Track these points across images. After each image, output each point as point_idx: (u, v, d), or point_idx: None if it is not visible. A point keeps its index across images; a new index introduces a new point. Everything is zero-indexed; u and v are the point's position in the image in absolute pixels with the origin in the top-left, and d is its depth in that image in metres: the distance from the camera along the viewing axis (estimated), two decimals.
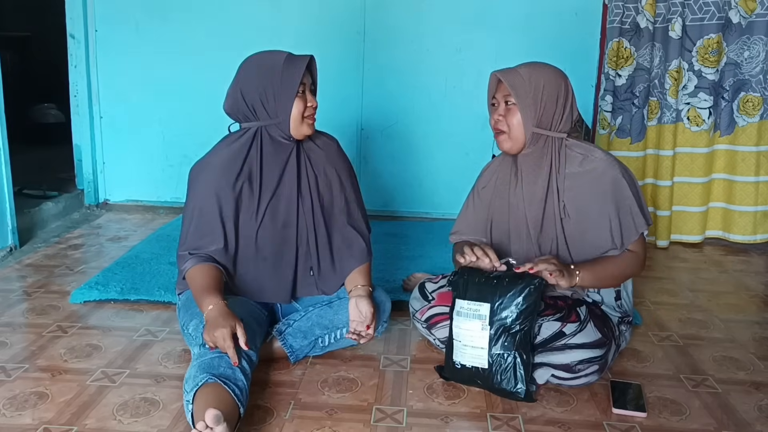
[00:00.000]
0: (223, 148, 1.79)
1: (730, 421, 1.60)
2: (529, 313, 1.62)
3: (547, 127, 1.74)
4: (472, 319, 1.65)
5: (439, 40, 3.35)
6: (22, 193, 3.26)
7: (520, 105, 1.71)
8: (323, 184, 1.87)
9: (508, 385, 1.62)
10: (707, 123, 3.03)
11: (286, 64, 1.73)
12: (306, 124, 1.76)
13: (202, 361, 1.50)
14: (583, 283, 1.69)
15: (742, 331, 2.15)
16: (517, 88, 1.70)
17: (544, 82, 1.71)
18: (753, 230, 3.08)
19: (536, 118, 1.72)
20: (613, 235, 1.73)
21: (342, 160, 1.93)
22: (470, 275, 1.69)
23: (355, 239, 1.89)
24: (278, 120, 1.74)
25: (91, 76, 3.49)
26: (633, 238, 1.74)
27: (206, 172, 1.77)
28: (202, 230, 1.75)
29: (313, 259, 1.86)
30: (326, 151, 1.89)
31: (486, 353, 1.64)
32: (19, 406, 1.56)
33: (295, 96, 1.72)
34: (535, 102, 1.71)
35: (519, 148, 1.77)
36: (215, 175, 1.75)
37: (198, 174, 1.79)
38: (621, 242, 1.73)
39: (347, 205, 1.91)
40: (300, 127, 1.76)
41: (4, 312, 2.14)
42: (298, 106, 1.73)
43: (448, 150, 3.46)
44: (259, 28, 3.36)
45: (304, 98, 1.75)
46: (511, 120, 1.73)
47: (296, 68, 1.73)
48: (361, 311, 1.76)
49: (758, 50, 2.94)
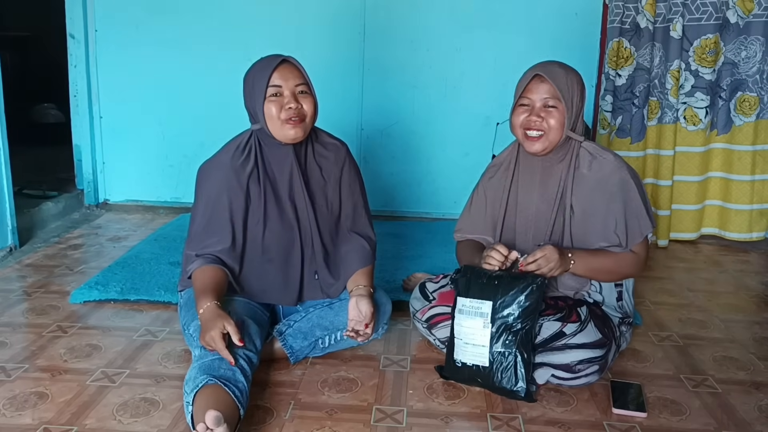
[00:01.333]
0: (232, 149, 1.79)
1: (730, 421, 1.60)
2: (530, 311, 1.62)
3: (573, 129, 1.73)
4: (474, 317, 1.65)
5: (439, 40, 3.35)
6: (22, 193, 3.26)
7: (565, 106, 1.68)
8: (331, 189, 1.87)
9: (508, 384, 1.62)
10: (704, 122, 3.04)
11: (256, 68, 1.74)
12: (288, 127, 1.72)
13: (203, 362, 1.50)
14: (576, 270, 1.69)
15: (742, 331, 2.15)
16: (563, 89, 1.67)
17: (576, 84, 1.70)
18: (749, 228, 3.10)
19: (571, 121, 1.70)
20: (618, 235, 1.73)
21: (351, 165, 1.92)
22: (472, 274, 1.69)
23: (360, 245, 1.89)
24: (260, 125, 1.75)
25: (91, 76, 3.49)
26: (637, 239, 1.74)
27: (217, 170, 1.76)
28: (211, 228, 1.74)
29: (318, 263, 1.86)
30: (335, 155, 1.89)
31: (487, 351, 1.64)
32: (19, 406, 1.56)
33: (264, 100, 1.71)
34: (572, 104, 1.69)
35: (550, 150, 1.74)
36: (226, 174, 1.75)
37: (209, 173, 1.78)
38: (626, 243, 1.73)
39: (354, 210, 1.91)
40: (281, 130, 1.72)
41: (4, 312, 2.14)
42: (270, 110, 1.71)
43: (448, 150, 3.46)
44: (260, 28, 3.36)
45: (279, 101, 1.71)
46: (551, 121, 1.69)
47: (263, 71, 1.72)
48: (361, 310, 1.76)
49: (755, 50, 2.95)
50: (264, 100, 1.71)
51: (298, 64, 1.76)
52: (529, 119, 1.71)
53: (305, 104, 1.73)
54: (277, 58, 1.74)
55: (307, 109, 1.74)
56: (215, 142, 1.86)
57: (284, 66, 1.73)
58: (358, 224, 1.93)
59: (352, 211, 1.91)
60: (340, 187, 1.89)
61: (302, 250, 1.84)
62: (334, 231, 1.89)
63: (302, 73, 1.76)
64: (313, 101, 1.76)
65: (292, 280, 1.84)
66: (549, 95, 1.68)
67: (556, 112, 1.69)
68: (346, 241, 1.89)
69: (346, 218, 1.90)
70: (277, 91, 1.71)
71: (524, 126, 1.72)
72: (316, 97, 1.78)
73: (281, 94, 1.72)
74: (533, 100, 1.71)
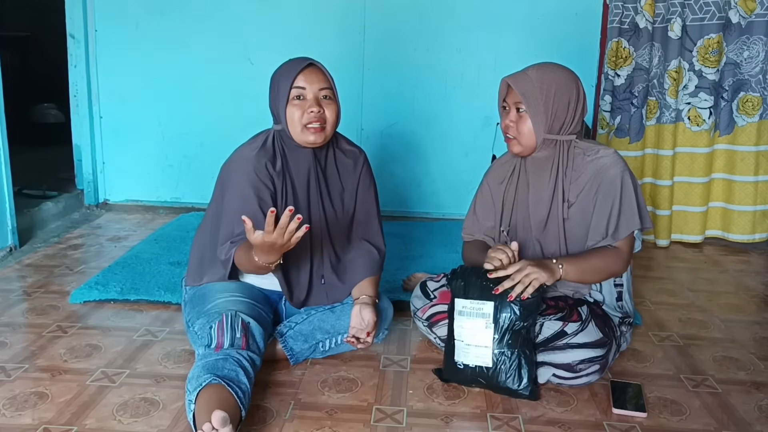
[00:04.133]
0: (255, 146, 1.78)
1: (730, 421, 1.60)
2: (531, 310, 1.62)
3: (558, 131, 1.73)
4: (476, 318, 1.65)
5: (439, 40, 3.35)
6: (22, 193, 3.26)
7: (531, 113, 1.69)
8: (347, 196, 1.87)
9: (513, 384, 1.62)
10: (707, 123, 3.03)
11: (282, 69, 1.73)
12: (309, 132, 1.72)
13: (207, 361, 1.50)
14: (567, 277, 1.68)
15: (742, 331, 2.15)
16: (528, 96, 1.68)
17: (555, 87, 1.69)
18: (752, 230, 3.09)
19: (547, 125, 1.70)
20: (608, 228, 1.72)
21: (367, 173, 1.92)
22: (468, 275, 1.69)
23: (369, 253, 1.89)
24: (282, 127, 1.75)
25: (91, 76, 3.49)
26: (624, 235, 1.72)
27: (243, 166, 1.74)
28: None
29: (326, 267, 1.86)
30: (353, 162, 1.89)
31: (490, 352, 1.64)
32: (19, 406, 1.56)
33: (287, 102, 1.70)
34: (547, 109, 1.69)
35: (529, 152, 1.76)
36: (251, 167, 1.73)
37: (235, 168, 1.76)
38: (614, 236, 1.72)
39: (366, 218, 1.91)
40: (301, 135, 1.72)
41: (4, 312, 2.14)
42: (292, 113, 1.71)
43: (448, 150, 3.46)
44: (260, 28, 3.36)
45: (301, 104, 1.71)
46: (521, 127, 1.71)
47: (288, 73, 1.71)
48: (363, 318, 1.75)
49: (758, 50, 2.94)
50: (287, 103, 1.71)
51: (324, 69, 1.75)
52: (505, 124, 1.76)
53: (328, 110, 1.72)
54: (305, 60, 1.73)
55: (329, 116, 1.73)
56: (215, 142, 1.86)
57: (310, 69, 1.72)
58: (369, 232, 1.93)
59: (364, 219, 1.91)
60: (357, 194, 1.89)
61: (311, 253, 1.83)
62: (345, 237, 1.89)
63: (328, 78, 1.75)
64: (336, 108, 1.75)
65: (301, 282, 1.84)
66: (519, 100, 1.70)
67: (526, 117, 1.71)
68: (356, 248, 1.90)
69: (358, 225, 1.90)
70: (300, 94, 1.71)
71: (503, 130, 1.78)
72: (339, 104, 1.77)
73: (304, 97, 1.71)
74: (509, 104, 1.74)
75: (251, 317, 1.68)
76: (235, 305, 1.70)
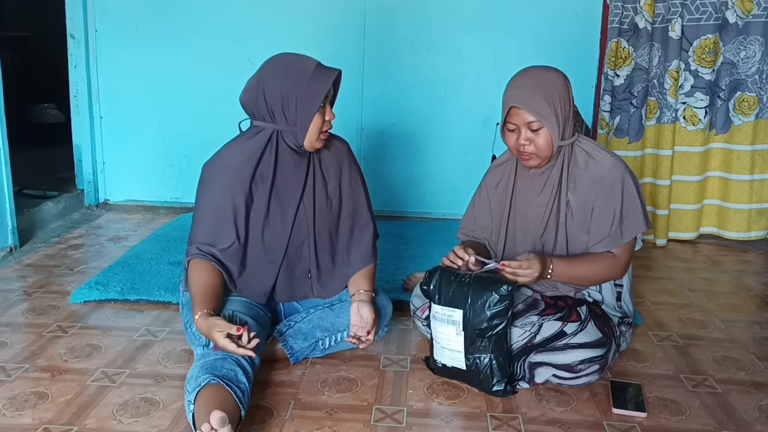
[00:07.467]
0: (238, 147, 1.76)
1: (730, 421, 1.60)
2: (502, 316, 1.61)
3: (565, 132, 1.72)
4: (447, 324, 1.66)
5: (439, 40, 3.35)
6: (22, 193, 3.26)
7: (548, 126, 1.67)
8: (332, 188, 1.86)
9: (486, 386, 1.66)
10: (703, 122, 3.04)
11: (315, 74, 1.68)
12: (320, 139, 1.73)
13: (205, 361, 1.50)
14: (553, 278, 1.69)
15: (742, 331, 2.15)
16: (541, 112, 1.66)
17: (557, 93, 1.68)
18: (747, 227, 3.10)
19: (560, 133, 1.70)
20: (611, 234, 1.72)
21: (352, 163, 1.92)
22: (441, 278, 1.69)
23: (360, 244, 1.89)
24: (295, 129, 1.72)
25: (91, 76, 3.49)
26: (626, 239, 1.73)
27: (222, 170, 1.73)
28: (215, 227, 1.72)
29: (312, 263, 1.85)
30: (337, 154, 1.88)
31: (463, 356, 1.66)
32: (19, 406, 1.57)
33: (316, 110, 1.69)
34: (557, 117, 1.68)
35: (547, 162, 1.75)
36: (231, 174, 1.72)
37: (213, 172, 1.75)
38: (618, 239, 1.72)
39: (355, 208, 1.91)
40: (314, 141, 1.73)
41: (4, 312, 2.14)
42: (317, 121, 1.70)
43: (448, 150, 3.46)
44: (259, 28, 3.36)
45: (323, 112, 1.71)
46: (539, 142, 1.69)
47: (324, 81, 1.68)
48: (362, 316, 1.75)
49: (754, 50, 2.95)
50: (317, 110, 1.69)
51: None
52: (518, 143, 1.72)
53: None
54: (335, 69, 1.72)
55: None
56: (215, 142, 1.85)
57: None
58: (360, 221, 1.92)
59: (352, 209, 1.90)
60: (340, 184, 1.88)
61: (299, 248, 1.83)
62: (334, 230, 1.89)
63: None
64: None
65: (288, 278, 1.84)
66: (531, 119, 1.68)
67: (542, 132, 1.69)
68: (346, 241, 1.89)
69: (347, 216, 1.89)
70: (324, 101, 1.71)
71: (516, 149, 1.74)
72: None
73: (325, 105, 1.72)
74: (517, 124, 1.71)
75: (249, 316, 1.68)
76: (232, 305, 1.70)
